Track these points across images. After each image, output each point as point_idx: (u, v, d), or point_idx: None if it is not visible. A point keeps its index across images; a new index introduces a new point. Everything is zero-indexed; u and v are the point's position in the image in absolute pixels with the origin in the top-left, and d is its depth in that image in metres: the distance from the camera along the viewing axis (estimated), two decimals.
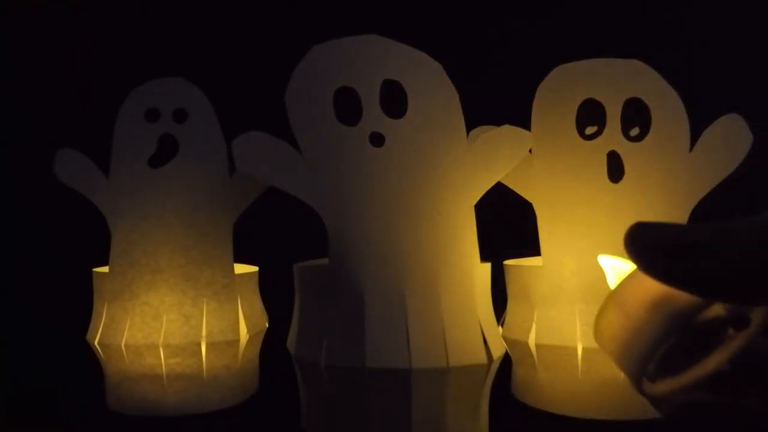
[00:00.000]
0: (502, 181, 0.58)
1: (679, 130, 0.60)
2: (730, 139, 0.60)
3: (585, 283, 0.58)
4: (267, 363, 0.69)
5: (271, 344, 0.68)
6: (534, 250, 0.62)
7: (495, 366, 0.52)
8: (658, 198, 0.59)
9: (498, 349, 0.51)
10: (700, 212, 0.60)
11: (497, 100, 0.70)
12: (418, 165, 0.50)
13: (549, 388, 0.60)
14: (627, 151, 0.59)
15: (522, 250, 0.65)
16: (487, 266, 0.53)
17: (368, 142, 0.51)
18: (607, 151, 0.59)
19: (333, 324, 0.50)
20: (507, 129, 0.54)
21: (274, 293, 0.70)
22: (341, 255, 0.50)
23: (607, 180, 0.59)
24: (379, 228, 0.50)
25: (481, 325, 0.50)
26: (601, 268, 0.54)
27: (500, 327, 0.63)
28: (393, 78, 0.50)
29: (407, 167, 0.50)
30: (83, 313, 0.65)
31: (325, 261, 0.52)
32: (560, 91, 0.61)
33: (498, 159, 0.53)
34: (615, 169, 0.59)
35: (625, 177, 0.59)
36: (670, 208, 0.59)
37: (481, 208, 0.53)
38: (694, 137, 0.60)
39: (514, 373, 0.64)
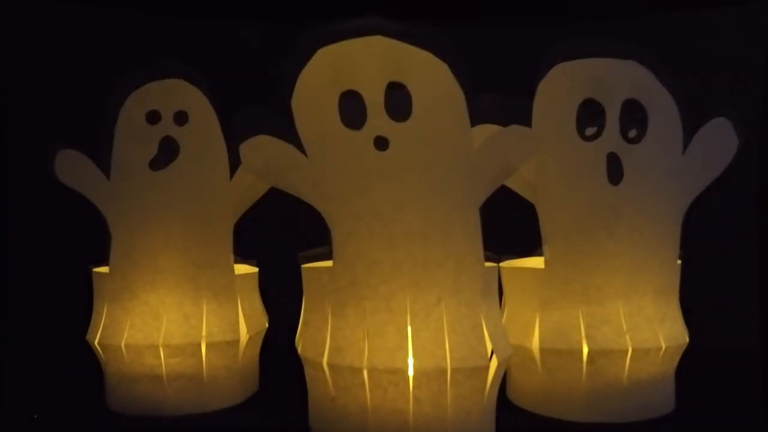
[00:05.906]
0: None
1: (673, 131, 0.60)
2: (718, 142, 0.61)
3: (588, 285, 0.58)
4: (267, 363, 0.69)
5: (271, 344, 0.68)
6: (534, 250, 0.62)
7: (500, 369, 0.51)
8: (656, 199, 0.59)
9: (502, 353, 0.51)
10: (693, 211, 0.61)
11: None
12: (423, 167, 0.50)
13: (551, 393, 0.60)
14: (625, 152, 0.59)
15: (522, 250, 0.65)
16: (494, 267, 0.53)
17: (373, 146, 0.50)
18: (607, 153, 0.59)
19: (336, 324, 0.50)
20: (514, 129, 0.53)
21: (274, 293, 0.70)
22: (345, 256, 0.50)
23: (607, 181, 0.59)
24: (383, 230, 0.50)
25: (484, 328, 0.50)
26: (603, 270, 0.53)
27: None
28: (398, 80, 0.50)
29: (412, 170, 0.50)
30: (83, 313, 0.65)
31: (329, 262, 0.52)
32: (560, 91, 0.61)
33: (505, 160, 0.52)
34: (615, 171, 0.59)
35: (624, 179, 0.59)
36: (668, 209, 0.60)
37: (481, 208, 0.53)
38: (689, 139, 0.61)
39: (511, 378, 0.64)
